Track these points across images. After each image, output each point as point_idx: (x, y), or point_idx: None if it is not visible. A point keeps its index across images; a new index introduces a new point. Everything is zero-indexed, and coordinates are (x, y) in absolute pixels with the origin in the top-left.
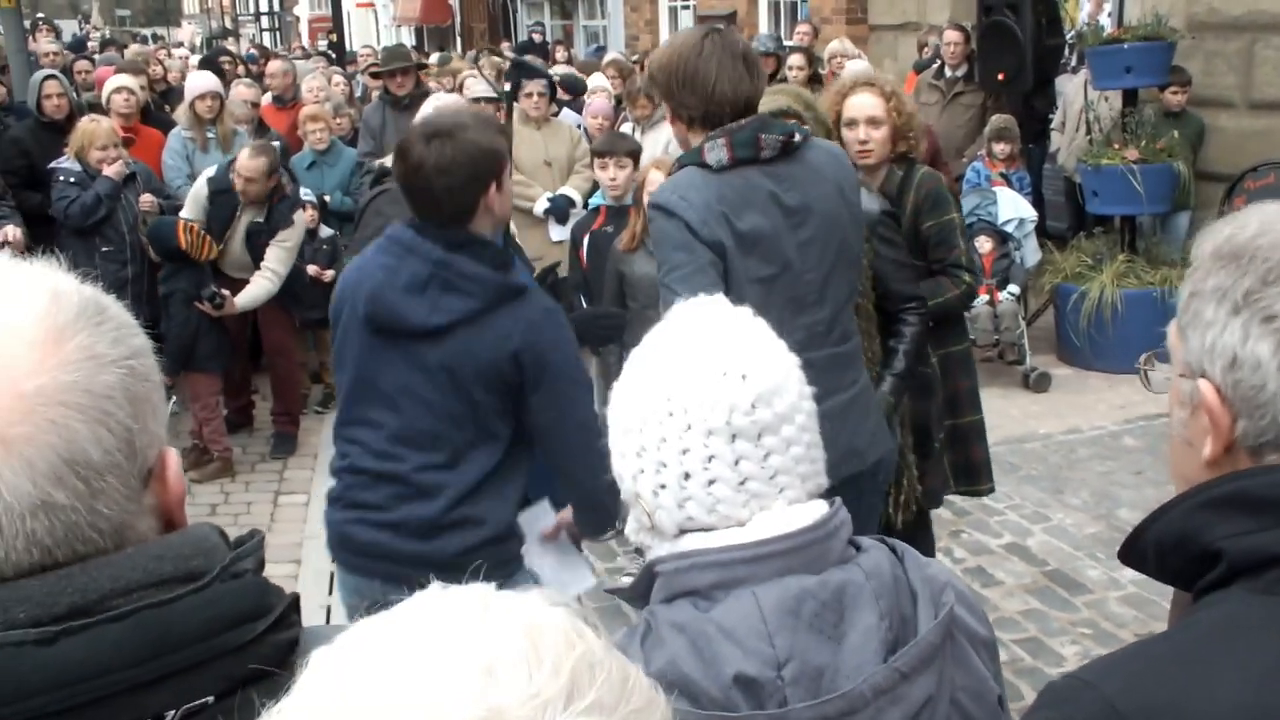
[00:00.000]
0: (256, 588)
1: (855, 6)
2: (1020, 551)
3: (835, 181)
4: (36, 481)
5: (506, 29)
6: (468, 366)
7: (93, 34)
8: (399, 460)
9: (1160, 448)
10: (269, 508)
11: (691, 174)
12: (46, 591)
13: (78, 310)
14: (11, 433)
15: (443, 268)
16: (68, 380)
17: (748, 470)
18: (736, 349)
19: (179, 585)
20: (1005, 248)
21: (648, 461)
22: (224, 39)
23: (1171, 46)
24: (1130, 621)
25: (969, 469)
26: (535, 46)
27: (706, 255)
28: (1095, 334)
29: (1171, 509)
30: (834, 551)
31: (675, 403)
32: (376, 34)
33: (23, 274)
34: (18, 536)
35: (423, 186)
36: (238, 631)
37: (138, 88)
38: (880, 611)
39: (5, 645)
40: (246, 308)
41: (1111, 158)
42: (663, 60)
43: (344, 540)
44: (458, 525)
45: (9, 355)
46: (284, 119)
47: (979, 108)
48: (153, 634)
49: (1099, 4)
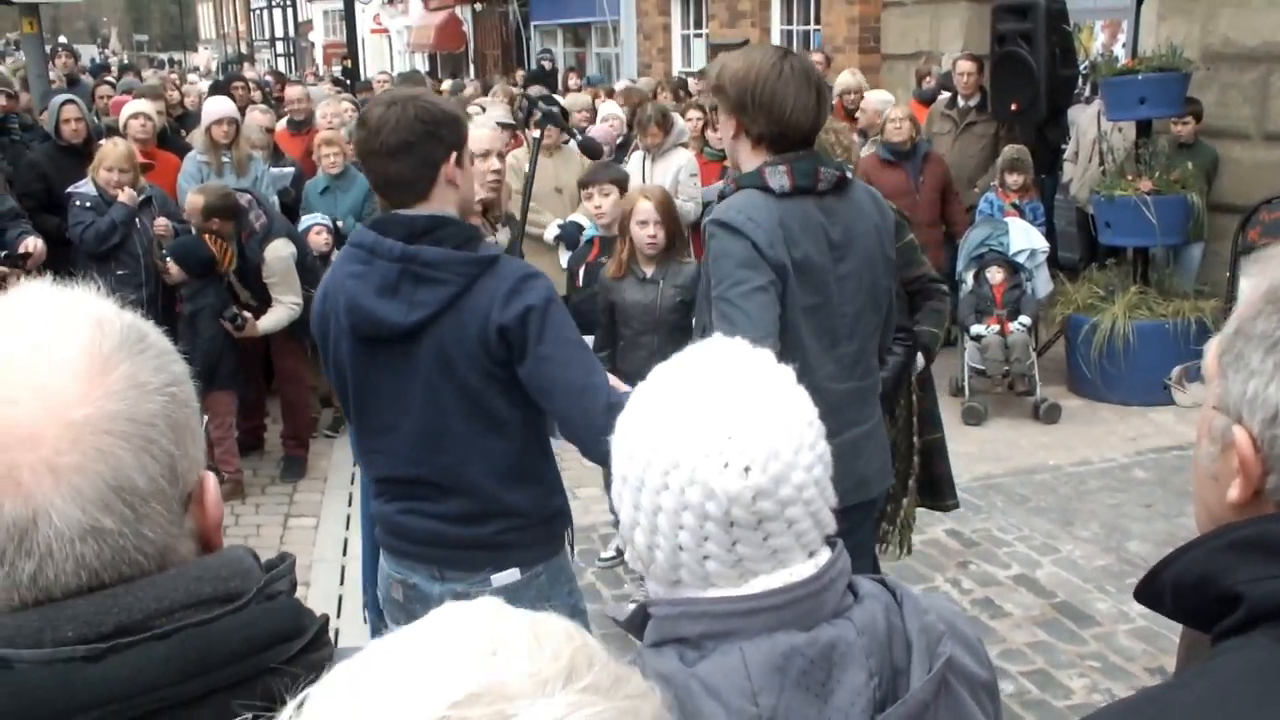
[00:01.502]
0: (291, 609)
1: (868, 35)
2: (1029, 583)
3: (874, 222)
4: (85, 508)
5: (520, 56)
6: (458, 353)
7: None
8: (422, 463)
9: (1171, 481)
10: (278, 530)
11: (754, 196)
12: (94, 610)
13: (120, 338)
14: (61, 461)
15: (409, 261)
16: (113, 409)
17: (744, 552)
18: (742, 432)
19: (218, 606)
20: (1017, 278)
21: (643, 518)
22: (239, 64)
23: (1186, 78)
24: (1139, 655)
25: (933, 485)
26: (545, 75)
27: (769, 275)
28: (1107, 365)
29: (1193, 549)
30: (829, 604)
31: (674, 479)
32: (390, 60)
33: (65, 301)
34: (67, 560)
35: (380, 150)
36: (275, 651)
37: (154, 113)
38: (870, 670)
39: (55, 662)
40: (268, 330)
41: (1125, 189)
42: (738, 75)
43: (398, 530)
44: (496, 515)
45: (57, 386)
46: (299, 144)
47: (991, 138)
48: (196, 652)
49: (1113, 35)
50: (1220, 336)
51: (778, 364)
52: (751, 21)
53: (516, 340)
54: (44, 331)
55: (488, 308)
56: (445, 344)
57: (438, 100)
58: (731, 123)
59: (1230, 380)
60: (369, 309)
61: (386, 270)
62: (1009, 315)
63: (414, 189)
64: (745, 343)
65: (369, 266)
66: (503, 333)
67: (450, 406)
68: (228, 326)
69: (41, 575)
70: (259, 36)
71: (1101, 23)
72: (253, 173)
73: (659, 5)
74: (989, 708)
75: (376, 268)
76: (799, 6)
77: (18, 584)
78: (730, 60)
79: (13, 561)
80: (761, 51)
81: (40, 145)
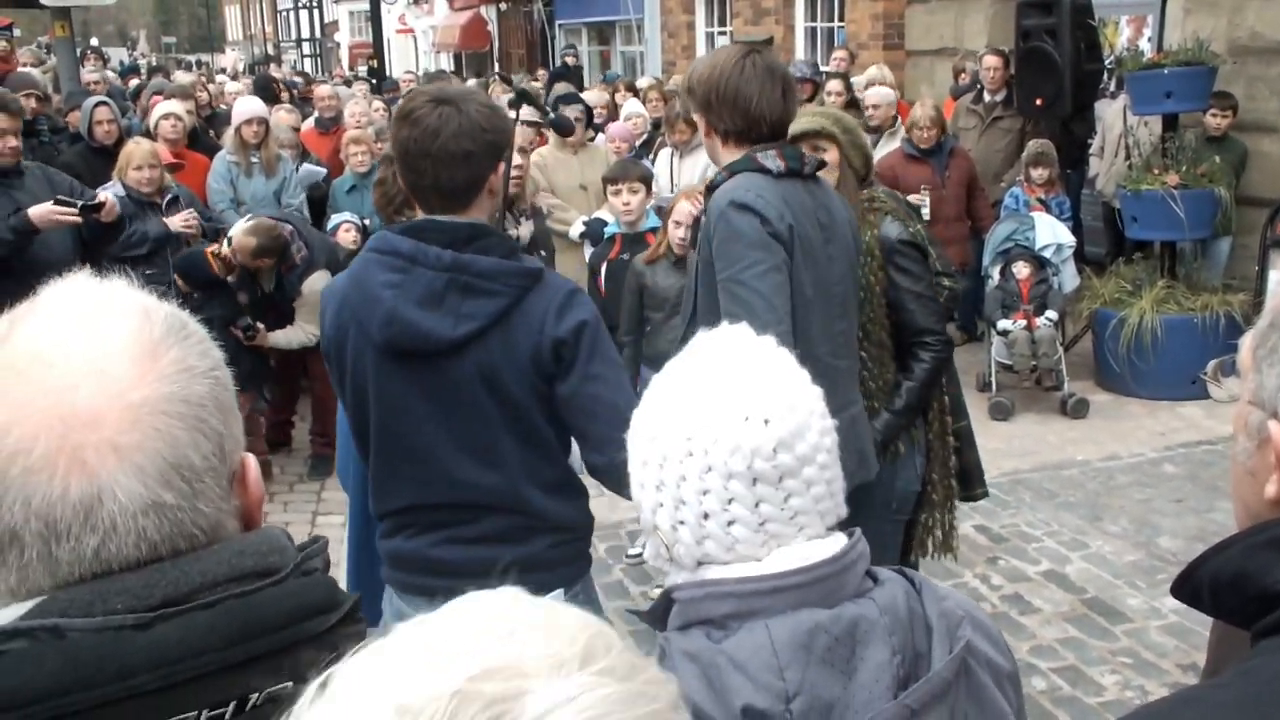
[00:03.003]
0: (327, 584)
1: (892, 32)
2: (1058, 579)
3: (846, 214)
4: (147, 484)
5: (544, 54)
6: (506, 368)
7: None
8: (464, 485)
9: (1201, 476)
10: (306, 528)
11: (755, 178)
12: (142, 584)
13: (166, 326)
14: (123, 440)
15: (459, 270)
16: (167, 391)
17: (768, 512)
18: (760, 390)
19: (258, 579)
20: (1043, 273)
21: (667, 497)
22: (266, 65)
23: (1213, 71)
24: (1171, 651)
25: (961, 475)
26: (569, 72)
27: (781, 254)
28: (1135, 360)
29: (1229, 546)
30: (850, 585)
31: (696, 443)
32: (416, 59)
33: (110, 292)
34: (129, 534)
35: (436, 153)
36: (314, 622)
37: (184, 113)
38: (893, 647)
39: (105, 629)
40: (277, 345)
41: (1152, 183)
42: (703, 75)
43: (432, 565)
44: (543, 530)
45: (114, 370)
46: (326, 144)
47: (1017, 133)
48: (239, 620)
49: (1138, 29)
50: (1255, 330)
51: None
52: (776, 19)
53: (568, 355)
54: (96, 320)
55: (541, 321)
56: (492, 358)
57: (492, 104)
58: (702, 121)
59: (1265, 374)
60: (412, 321)
61: (431, 280)
62: (1036, 310)
63: (460, 199)
64: (748, 329)
65: (407, 275)
66: (557, 347)
67: (495, 421)
68: (238, 335)
69: (104, 549)
70: (285, 37)
71: (1126, 17)
72: (281, 172)
73: (683, 3)
74: (1011, 696)
75: (417, 277)
76: (823, 3)
77: (81, 558)
78: (698, 63)
79: (78, 536)
80: (726, 51)
81: (71, 147)
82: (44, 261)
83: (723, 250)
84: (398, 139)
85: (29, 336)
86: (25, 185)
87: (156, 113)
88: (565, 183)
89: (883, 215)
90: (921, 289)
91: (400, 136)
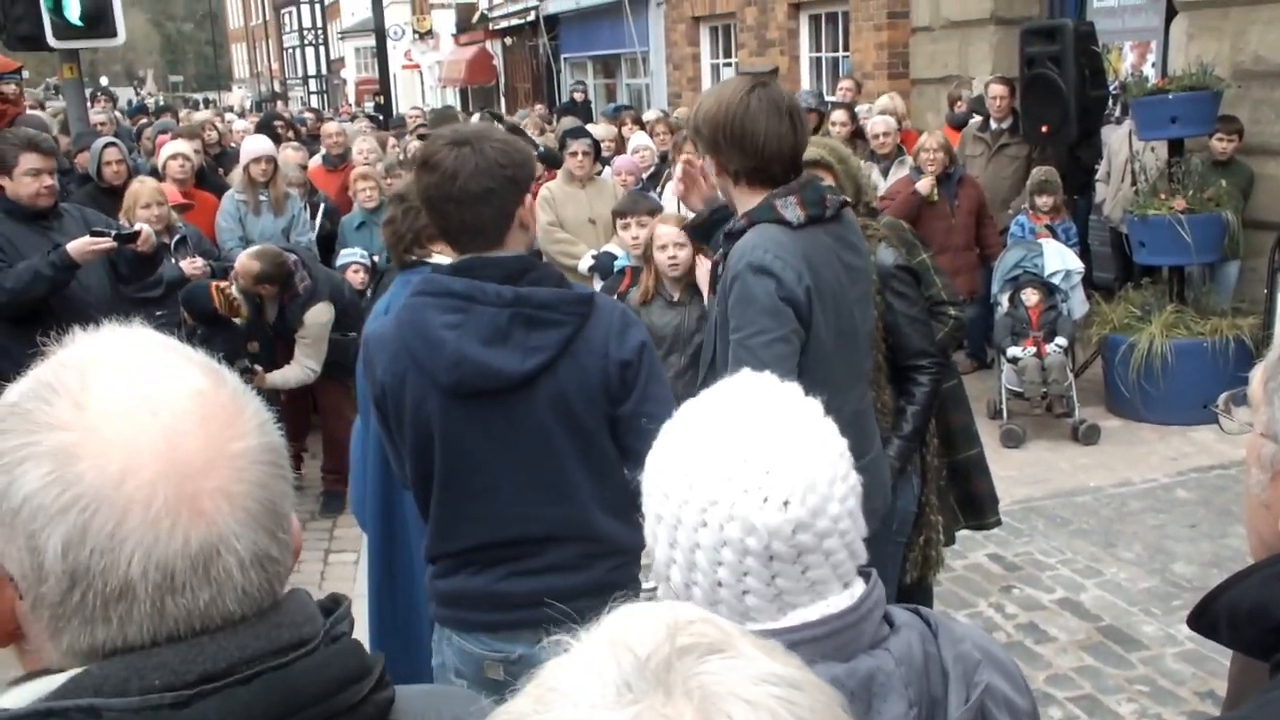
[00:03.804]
0: (355, 649)
1: (896, 61)
2: (1073, 607)
3: (862, 244)
4: (258, 536)
5: (550, 88)
6: (576, 396)
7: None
8: (532, 519)
9: (1214, 501)
10: (319, 565)
11: (774, 231)
12: (180, 660)
13: (233, 380)
14: (234, 490)
15: (521, 304)
16: (258, 443)
17: (784, 586)
18: (779, 467)
19: (291, 650)
20: (1052, 299)
21: (679, 556)
22: (273, 103)
23: (1217, 96)
24: (1189, 679)
25: (973, 503)
26: (577, 107)
27: (791, 323)
28: (1145, 385)
29: (1246, 577)
30: (866, 634)
31: (711, 516)
32: (422, 95)
33: (163, 341)
34: (237, 588)
35: (458, 195)
36: (348, 692)
37: (192, 153)
38: (909, 699)
39: (144, 709)
40: (275, 387)
41: (1159, 208)
42: (709, 113)
43: (497, 600)
44: (605, 555)
45: (217, 421)
46: (334, 181)
47: (1024, 159)
48: (278, 695)
49: (1142, 55)
50: (1265, 363)
51: (806, 397)
52: (780, 50)
53: (632, 377)
54: (174, 369)
55: (605, 344)
56: (563, 387)
57: (508, 140)
58: (712, 163)
59: (1276, 407)
60: (481, 360)
61: (494, 316)
62: (1045, 337)
63: (490, 236)
64: (773, 377)
65: (467, 315)
66: (623, 369)
67: (566, 452)
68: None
69: (215, 603)
70: (291, 75)
71: (1130, 43)
72: (290, 210)
73: (688, 35)
74: None
75: (478, 315)
76: (827, 34)
77: (191, 613)
78: (704, 99)
79: (195, 589)
80: (731, 86)
81: (80, 188)
82: (80, 301)
83: (736, 310)
84: (420, 186)
85: (113, 384)
86: (64, 227)
87: (164, 153)
88: (574, 216)
89: (877, 242)
90: (915, 313)
91: (422, 184)
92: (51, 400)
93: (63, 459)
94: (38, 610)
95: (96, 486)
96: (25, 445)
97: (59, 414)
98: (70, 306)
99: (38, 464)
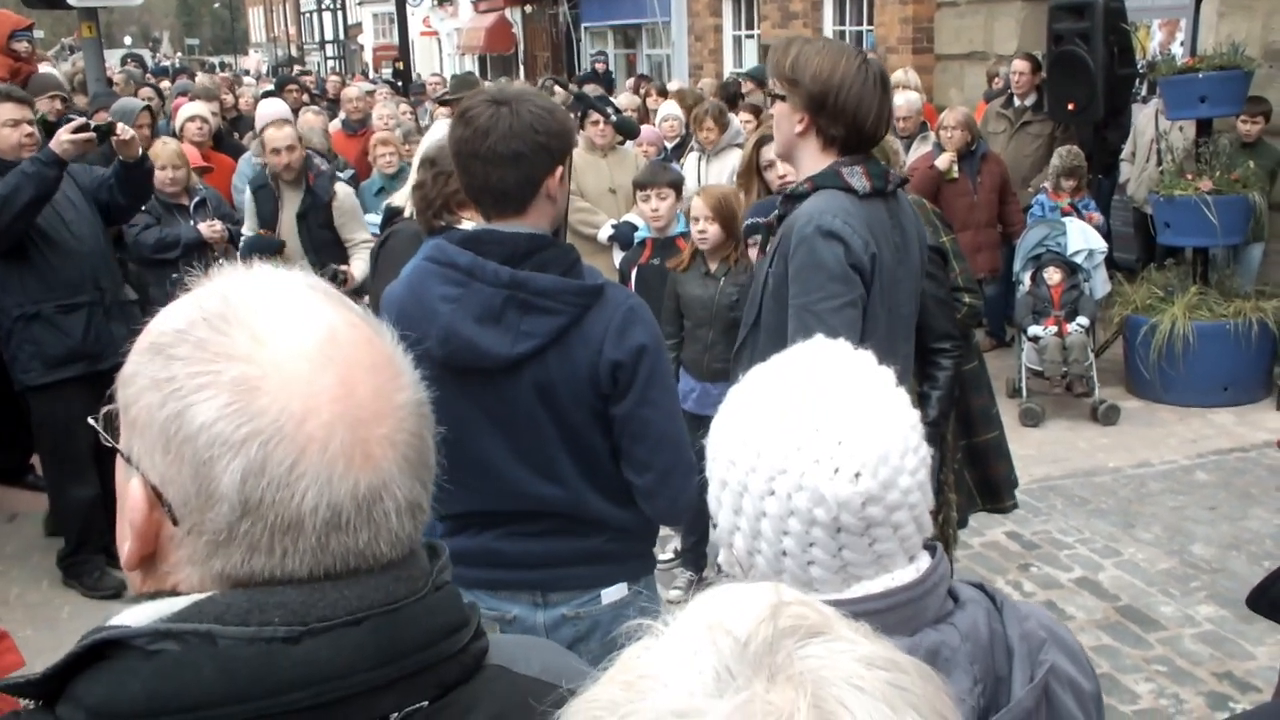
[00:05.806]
0: (457, 597)
1: (921, 36)
2: (1091, 586)
3: (919, 227)
4: (414, 484)
5: (570, 58)
6: (562, 388)
7: (164, 62)
8: (525, 496)
9: (1233, 483)
10: None
11: (841, 198)
12: (301, 601)
13: (388, 331)
14: (398, 439)
15: (517, 288)
16: (415, 397)
17: (850, 558)
18: (852, 437)
19: (403, 598)
20: (1074, 279)
21: (744, 523)
22: (289, 67)
23: (1248, 76)
24: (1206, 659)
25: (990, 486)
26: (598, 76)
27: (859, 288)
28: (1166, 366)
29: None
30: (930, 609)
31: (780, 485)
32: (440, 62)
33: (335, 294)
34: (391, 531)
35: (486, 154)
36: (451, 640)
37: (209, 115)
38: (974, 676)
39: (257, 640)
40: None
41: (1184, 189)
42: (821, 74)
43: (493, 557)
44: (598, 527)
45: (385, 373)
46: (354, 146)
47: (1047, 137)
48: (387, 638)
49: (1171, 33)
50: None
51: (879, 367)
52: (804, 22)
53: (625, 378)
54: (350, 318)
55: (599, 341)
56: (551, 377)
57: (549, 106)
58: (803, 119)
59: None
60: (470, 338)
61: (490, 295)
62: (1067, 316)
63: (514, 202)
64: (845, 344)
65: (465, 290)
66: (615, 369)
67: (553, 438)
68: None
69: (371, 545)
70: (309, 39)
71: (1159, 21)
72: None
73: (710, 6)
74: (1094, 716)
75: (475, 292)
76: (851, 7)
77: (349, 551)
78: (810, 53)
79: (356, 529)
80: (841, 50)
81: (99, 147)
82: (74, 251)
83: (801, 275)
84: (453, 139)
85: (289, 322)
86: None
87: (182, 114)
88: (594, 186)
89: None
90: (943, 294)
91: (454, 136)
92: (225, 330)
93: (245, 391)
94: (194, 535)
95: (279, 422)
96: (203, 374)
97: (237, 345)
98: (63, 255)
99: (217, 394)
